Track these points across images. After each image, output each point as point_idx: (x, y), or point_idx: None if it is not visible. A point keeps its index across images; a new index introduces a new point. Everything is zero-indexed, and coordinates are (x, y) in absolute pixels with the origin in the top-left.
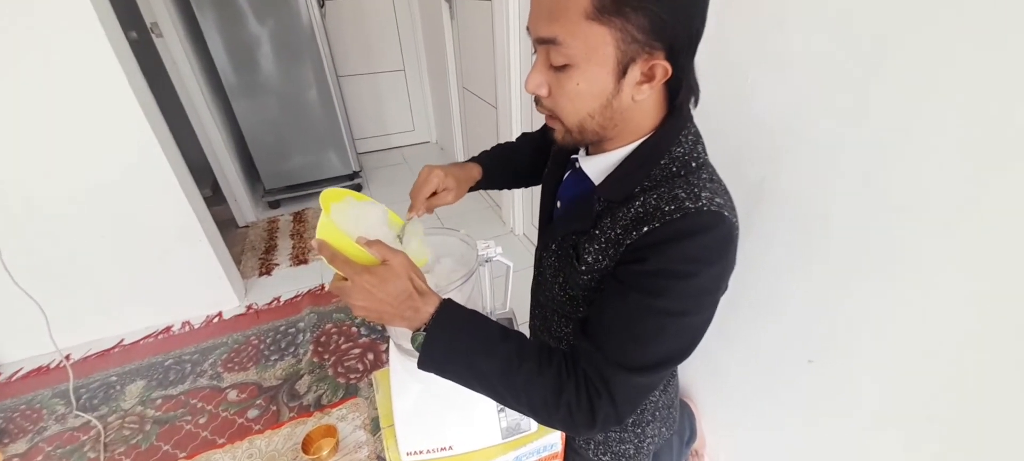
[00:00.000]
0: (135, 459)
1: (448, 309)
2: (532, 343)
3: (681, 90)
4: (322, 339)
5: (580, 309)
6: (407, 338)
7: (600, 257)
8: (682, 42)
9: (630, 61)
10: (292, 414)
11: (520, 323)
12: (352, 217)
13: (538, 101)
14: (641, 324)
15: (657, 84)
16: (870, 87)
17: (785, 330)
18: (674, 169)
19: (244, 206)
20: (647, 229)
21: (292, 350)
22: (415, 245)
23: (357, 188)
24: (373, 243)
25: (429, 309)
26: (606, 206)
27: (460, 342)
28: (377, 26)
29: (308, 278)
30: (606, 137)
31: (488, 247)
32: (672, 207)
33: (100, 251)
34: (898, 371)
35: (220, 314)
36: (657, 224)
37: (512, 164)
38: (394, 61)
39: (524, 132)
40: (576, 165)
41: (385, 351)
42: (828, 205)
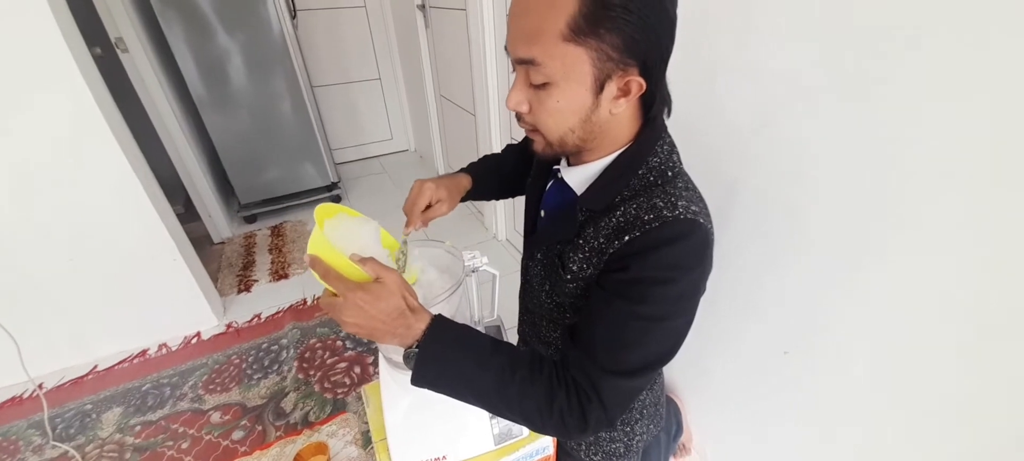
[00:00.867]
0: None
1: (440, 325)
2: (523, 353)
3: (655, 102)
4: (307, 355)
5: (567, 314)
6: (397, 351)
7: (585, 266)
8: (653, 58)
9: (606, 78)
10: (279, 433)
11: (508, 328)
12: (345, 233)
13: (520, 116)
14: (626, 330)
15: (633, 98)
16: (834, 91)
17: (761, 324)
18: (652, 179)
19: (219, 222)
20: (628, 238)
21: (276, 367)
22: (407, 263)
23: (336, 199)
24: (367, 260)
25: (421, 326)
26: (589, 216)
27: (452, 357)
28: (351, 35)
29: (289, 293)
30: (586, 149)
31: (474, 257)
32: (651, 216)
33: (69, 275)
34: (867, 363)
35: (198, 334)
36: (637, 233)
37: (499, 174)
38: (369, 70)
39: (508, 143)
40: (558, 176)
41: (372, 364)
42: (798, 203)
